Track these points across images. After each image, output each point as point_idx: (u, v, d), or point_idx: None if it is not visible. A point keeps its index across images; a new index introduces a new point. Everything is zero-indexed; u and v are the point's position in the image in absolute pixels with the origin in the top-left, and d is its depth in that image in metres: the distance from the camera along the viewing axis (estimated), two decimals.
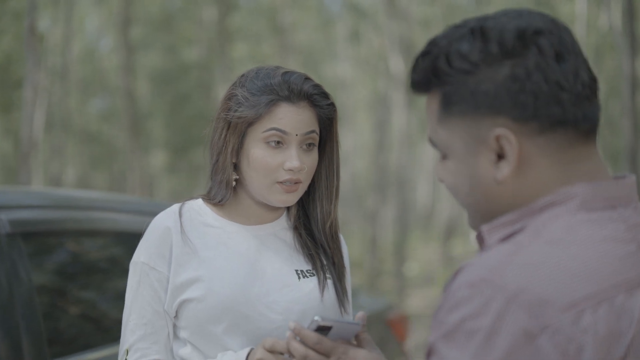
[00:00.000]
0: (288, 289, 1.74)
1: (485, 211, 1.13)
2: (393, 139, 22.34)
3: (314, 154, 1.75)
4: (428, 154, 28.11)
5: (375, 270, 15.69)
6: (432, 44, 1.13)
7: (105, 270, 2.94)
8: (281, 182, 1.71)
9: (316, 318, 1.49)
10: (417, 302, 14.31)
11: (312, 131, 1.73)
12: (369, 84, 23.76)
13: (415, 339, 8.24)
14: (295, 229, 1.83)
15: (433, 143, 1.17)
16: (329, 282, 1.78)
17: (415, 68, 1.15)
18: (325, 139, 1.80)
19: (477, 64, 1.08)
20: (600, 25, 16.12)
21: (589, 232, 1.05)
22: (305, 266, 1.78)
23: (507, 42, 1.07)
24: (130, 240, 2.70)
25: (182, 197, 2.13)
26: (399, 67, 14.71)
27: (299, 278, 1.76)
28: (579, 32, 15.40)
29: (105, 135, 20.59)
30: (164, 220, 1.75)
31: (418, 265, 18.87)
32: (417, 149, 24.98)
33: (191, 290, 1.70)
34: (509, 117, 1.08)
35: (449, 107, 1.11)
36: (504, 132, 1.07)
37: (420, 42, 17.51)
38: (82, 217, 2.75)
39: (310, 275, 1.77)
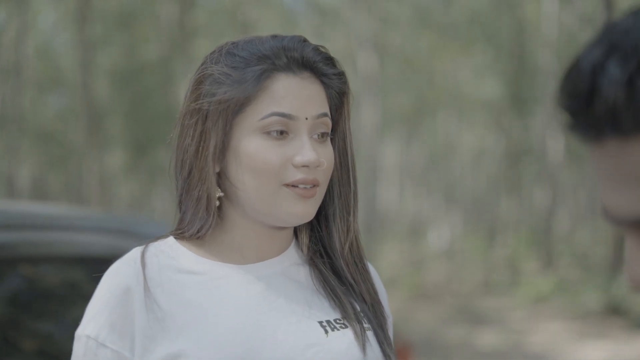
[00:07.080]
0: (314, 350, 1.22)
1: None
2: (360, 138, 22.12)
3: (330, 147, 1.26)
4: (392, 154, 27.94)
5: None
6: (628, 54, 0.71)
7: (64, 300, 2.58)
8: (292, 185, 1.22)
9: None
10: None
11: (325, 114, 1.25)
12: None
13: None
14: (312, 262, 1.31)
15: None
16: (369, 333, 1.27)
17: (628, 103, 0.73)
18: (334, 128, 1.29)
19: None
20: (565, 23, 16.01)
21: None
22: (333, 314, 1.26)
23: None
24: (92, 264, 2.39)
25: (141, 200, 1.68)
26: (370, 64, 14.40)
27: (326, 332, 1.24)
28: (548, 31, 15.28)
29: (61, 134, 20.04)
30: (121, 275, 1.22)
31: (387, 266, 18.66)
32: (379, 148, 24.83)
33: None
34: None
35: None
36: None
37: (389, 40, 17.27)
38: (39, 240, 2.38)
39: (341, 327, 1.25)
